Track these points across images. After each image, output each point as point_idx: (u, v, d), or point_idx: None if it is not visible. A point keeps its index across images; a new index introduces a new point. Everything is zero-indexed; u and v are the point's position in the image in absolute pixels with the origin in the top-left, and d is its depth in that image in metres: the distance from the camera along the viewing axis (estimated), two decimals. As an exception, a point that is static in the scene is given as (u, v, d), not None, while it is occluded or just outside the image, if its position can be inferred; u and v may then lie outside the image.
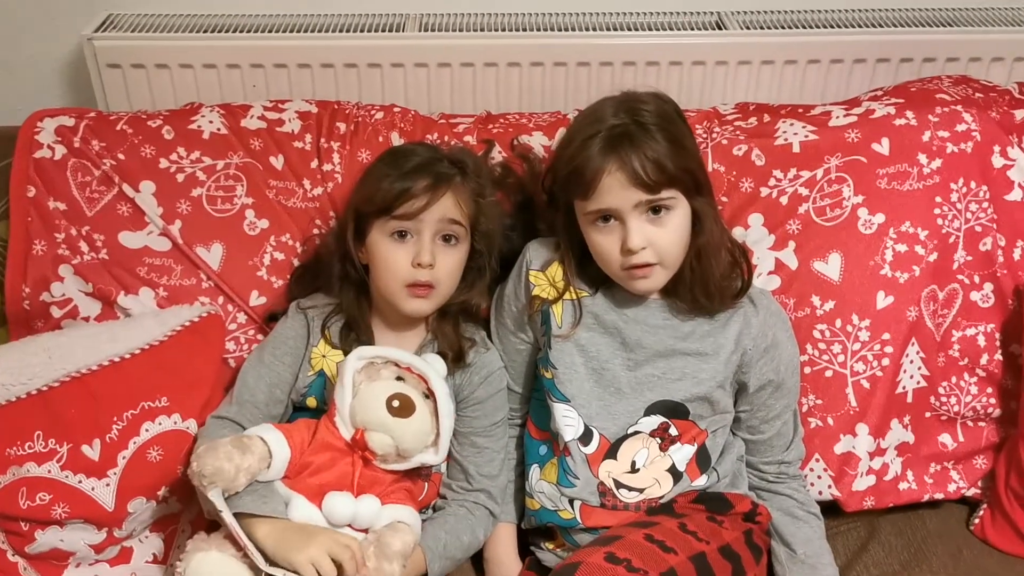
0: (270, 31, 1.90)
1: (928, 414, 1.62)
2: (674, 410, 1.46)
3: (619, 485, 1.44)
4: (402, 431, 1.35)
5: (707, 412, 1.47)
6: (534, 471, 1.51)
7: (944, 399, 1.62)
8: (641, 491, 1.45)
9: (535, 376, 1.55)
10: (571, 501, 1.45)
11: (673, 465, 1.46)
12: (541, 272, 1.51)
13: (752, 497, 1.50)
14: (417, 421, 1.36)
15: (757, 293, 1.50)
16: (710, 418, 1.47)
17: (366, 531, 1.35)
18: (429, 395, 1.39)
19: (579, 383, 1.46)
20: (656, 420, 1.45)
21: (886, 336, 1.55)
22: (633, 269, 1.39)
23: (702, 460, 1.47)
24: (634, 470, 1.45)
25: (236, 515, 1.29)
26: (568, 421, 1.46)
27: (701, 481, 1.46)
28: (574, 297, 1.48)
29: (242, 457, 1.28)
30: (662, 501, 1.45)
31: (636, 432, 1.46)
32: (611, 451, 1.45)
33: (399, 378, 1.39)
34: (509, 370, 1.55)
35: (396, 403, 1.35)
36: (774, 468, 1.52)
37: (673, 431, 1.45)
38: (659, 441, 1.45)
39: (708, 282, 1.44)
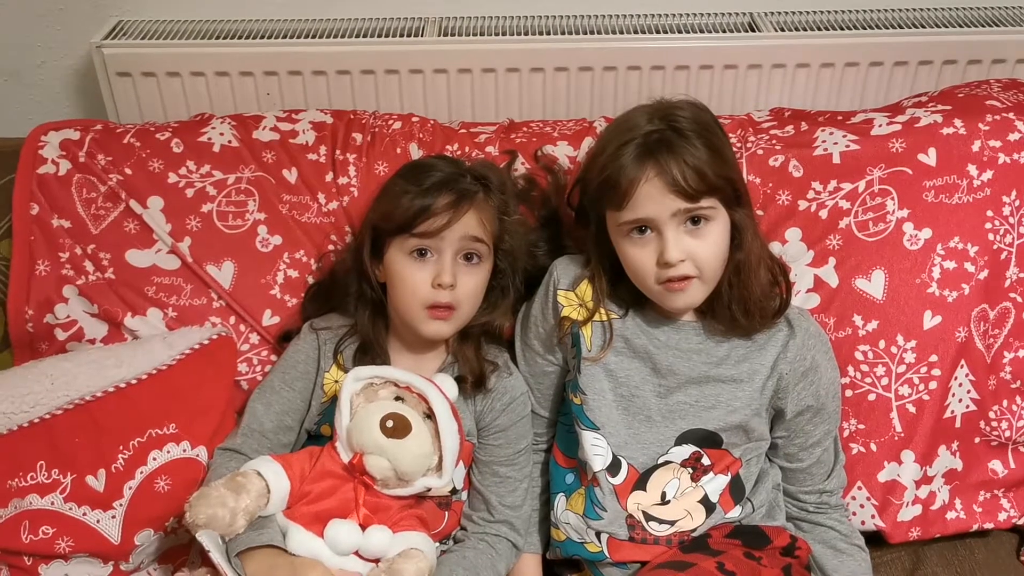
0: (284, 37, 1.85)
1: (978, 439, 1.54)
2: (707, 439, 1.39)
3: (649, 518, 1.37)
4: (398, 453, 1.29)
5: (741, 440, 1.40)
6: (560, 500, 1.44)
7: (995, 424, 1.54)
8: (672, 523, 1.38)
9: (562, 400, 1.48)
10: (598, 534, 1.38)
11: (706, 496, 1.39)
12: (571, 291, 1.44)
13: (790, 529, 1.43)
14: (414, 442, 1.29)
15: (795, 314, 1.43)
16: (744, 446, 1.40)
17: (377, 562, 1.29)
18: (431, 416, 1.33)
19: (608, 411, 1.40)
20: (688, 450, 1.39)
21: (934, 358, 1.49)
22: (670, 283, 1.31)
23: (736, 491, 1.40)
24: (664, 501, 1.38)
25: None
26: (597, 450, 1.39)
27: (735, 513, 1.39)
28: (604, 319, 1.41)
29: (237, 499, 1.22)
30: (694, 534, 1.38)
31: (667, 462, 1.39)
32: (640, 482, 1.38)
33: (398, 398, 1.34)
34: (535, 393, 1.49)
35: (390, 423, 1.29)
36: (814, 498, 1.45)
37: (705, 460, 1.39)
38: (690, 471, 1.39)
39: (747, 300, 1.37)
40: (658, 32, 1.87)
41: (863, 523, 1.50)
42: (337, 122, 1.65)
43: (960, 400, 1.51)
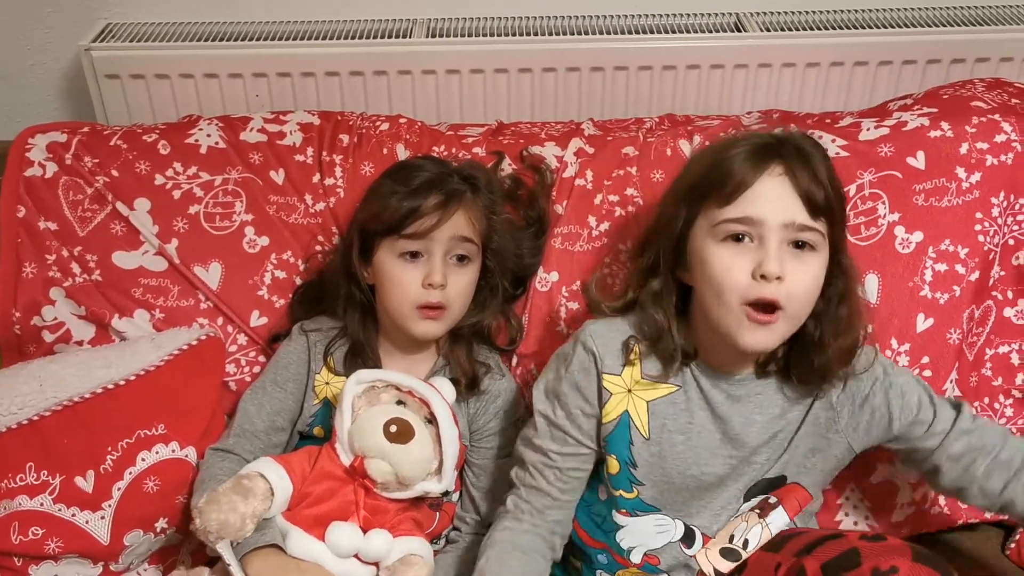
0: (273, 39, 1.86)
1: (962, 437, 1.54)
2: (773, 483, 1.32)
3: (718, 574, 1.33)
4: (400, 457, 1.29)
5: (805, 469, 1.31)
6: None
7: (977, 421, 1.54)
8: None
9: (596, 486, 1.36)
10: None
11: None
12: (618, 376, 1.28)
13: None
14: (416, 447, 1.30)
15: None
16: (810, 471, 1.31)
17: (376, 565, 1.30)
18: (432, 420, 1.33)
19: (672, 491, 1.30)
20: (757, 500, 1.32)
21: (925, 360, 1.48)
22: (755, 308, 1.15)
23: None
24: (731, 543, 1.32)
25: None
26: (662, 528, 1.32)
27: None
28: (668, 391, 1.27)
29: (245, 503, 1.23)
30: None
31: (736, 515, 1.33)
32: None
33: (400, 402, 1.34)
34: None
35: (393, 428, 1.29)
36: (988, 461, 1.28)
37: (772, 500, 1.32)
38: (758, 512, 1.32)
39: (840, 360, 1.23)
40: (645, 32, 1.89)
41: (855, 524, 1.51)
42: (324, 123, 1.64)
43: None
